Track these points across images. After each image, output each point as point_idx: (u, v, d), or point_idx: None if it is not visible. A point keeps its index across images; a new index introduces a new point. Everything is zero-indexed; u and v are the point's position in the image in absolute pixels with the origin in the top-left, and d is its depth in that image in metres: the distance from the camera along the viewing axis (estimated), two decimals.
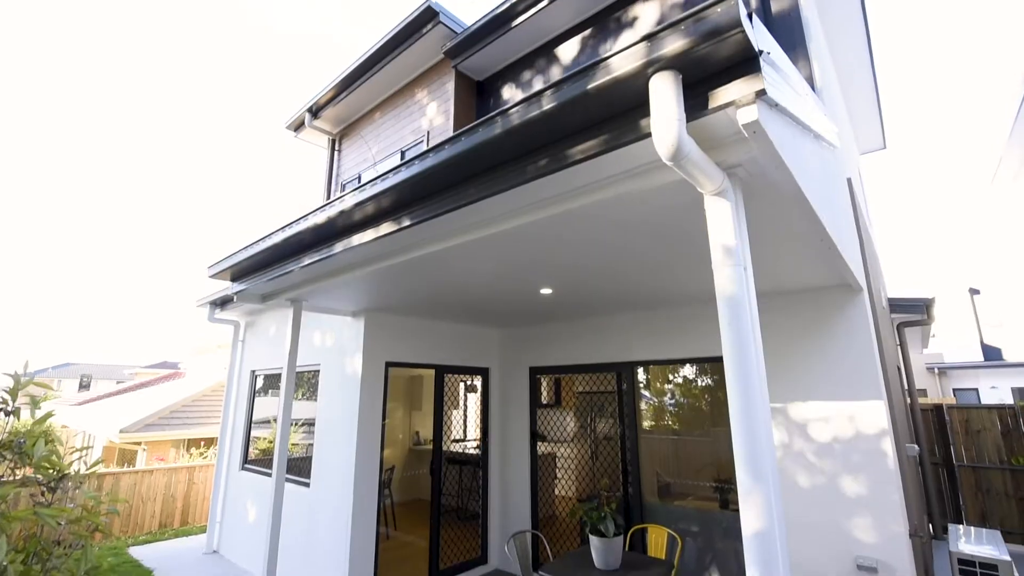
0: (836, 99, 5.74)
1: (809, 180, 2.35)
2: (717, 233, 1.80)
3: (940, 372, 19.93)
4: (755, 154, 1.80)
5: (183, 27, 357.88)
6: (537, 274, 3.80)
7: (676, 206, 2.41)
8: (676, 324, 5.20)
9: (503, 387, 6.80)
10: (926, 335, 10.37)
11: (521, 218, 2.46)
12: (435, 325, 6.12)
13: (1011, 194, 11.88)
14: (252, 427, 7.13)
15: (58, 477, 1.79)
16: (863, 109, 7.71)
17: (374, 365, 5.31)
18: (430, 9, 6.07)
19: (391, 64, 6.78)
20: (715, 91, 1.60)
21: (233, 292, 4.26)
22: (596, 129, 1.85)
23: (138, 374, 31.89)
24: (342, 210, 2.79)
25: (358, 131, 7.93)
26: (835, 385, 4.09)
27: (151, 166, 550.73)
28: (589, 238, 2.91)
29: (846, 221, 3.83)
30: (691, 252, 3.19)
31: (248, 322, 7.53)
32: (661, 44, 1.53)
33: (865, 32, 5.82)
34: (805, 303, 4.32)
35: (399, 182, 2.43)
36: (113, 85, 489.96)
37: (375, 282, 3.99)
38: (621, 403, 5.59)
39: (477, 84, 6.61)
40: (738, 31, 1.43)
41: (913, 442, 6.58)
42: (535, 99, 1.85)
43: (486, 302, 5.02)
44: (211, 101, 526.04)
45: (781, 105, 1.76)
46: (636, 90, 1.67)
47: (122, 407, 13.49)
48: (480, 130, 2.04)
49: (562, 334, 6.25)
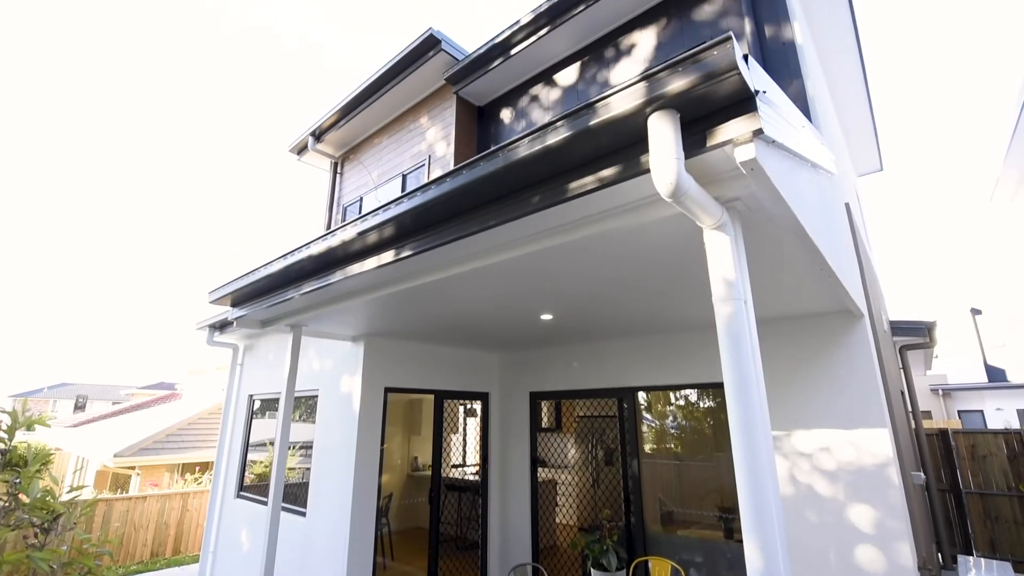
0: (832, 123, 5.81)
1: (807, 211, 2.37)
2: (717, 267, 1.80)
3: (944, 393, 19.77)
4: (753, 189, 1.82)
5: (183, 47, 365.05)
6: (537, 301, 3.79)
7: (676, 237, 2.42)
8: (677, 350, 5.17)
9: (503, 412, 6.73)
10: (929, 357, 10.31)
11: (522, 248, 2.46)
12: (435, 350, 6.09)
13: (1009, 214, 11.95)
14: (249, 450, 7.04)
15: (52, 518, 1.75)
16: (859, 132, 7.81)
17: (373, 390, 5.26)
18: (432, 37, 6.20)
19: (393, 90, 6.90)
20: (713, 129, 1.61)
21: (233, 317, 4.25)
22: (596, 164, 1.87)
23: (134, 395, 31.65)
24: (343, 239, 2.80)
25: (360, 155, 8.02)
26: (838, 413, 4.04)
27: (149, 186, 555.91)
28: (590, 267, 2.92)
29: (845, 247, 3.84)
30: (692, 280, 3.18)
31: (247, 345, 7.49)
32: (660, 84, 1.55)
33: (859, 56, 5.93)
34: (806, 329, 4.31)
35: (401, 212, 2.44)
36: (115, 101, 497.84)
37: (375, 309, 3.98)
38: (623, 428, 5.52)
39: (478, 109, 6.71)
40: (734, 73, 1.45)
41: (919, 469, 6.48)
42: (537, 135, 1.87)
43: (486, 327, 5.00)
44: (214, 122, 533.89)
45: (778, 141, 1.78)
46: (635, 127, 1.69)
47: (117, 430, 13.34)
48: (482, 164, 2.06)
49: (563, 359, 6.21)
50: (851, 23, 5.31)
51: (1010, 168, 9.82)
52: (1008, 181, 10.38)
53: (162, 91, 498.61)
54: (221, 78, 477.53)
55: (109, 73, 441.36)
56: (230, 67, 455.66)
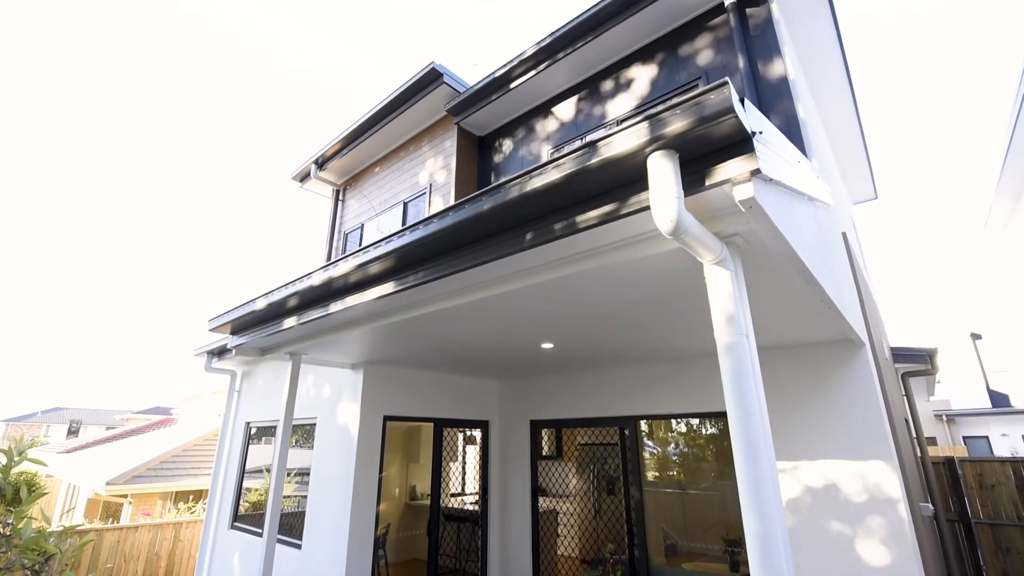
0: (826, 153, 5.92)
1: (806, 245, 2.39)
2: (718, 302, 1.82)
3: (948, 419, 19.58)
4: (752, 225, 1.84)
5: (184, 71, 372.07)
6: (538, 330, 3.79)
7: (677, 269, 2.44)
8: (680, 378, 5.14)
9: (503, 440, 6.65)
10: (931, 383, 10.25)
11: (522, 281, 2.48)
12: (435, 377, 6.05)
13: (1003, 241, 12.06)
14: (245, 477, 6.91)
15: (44, 560, 1.71)
16: (853, 161, 7.95)
17: (372, 419, 5.21)
18: (434, 70, 6.36)
19: (396, 120, 7.04)
20: (712, 169, 1.65)
21: (232, 345, 4.24)
22: (598, 201, 1.90)
23: (129, 420, 31.22)
24: (344, 270, 2.82)
25: (362, 183, 8.12)
26: (843, 444, 4.00)
27: (148, 211, 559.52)
28: (591, 299, 2.93)
29: (844, 277, 3.87)
30: (693, 309, 3.19)
31: (245, 372, 7.44)
32: (660, 125, 1.59)
33: (849, 88, 6.07)
34: (808, 358, 4.30)
35: (402, 245, 2.47)
36: (122, 127, 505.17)
37: (375, 337, 3.98)
38: (625, 458, 5.44)
39: (478, 139, 6.83)
40: (731, 116, 1.49)
41: (927, 499, 6.37)
42: (539, 171, 1.91)
43: (486, 356, 4.98)
44: (215, 148, 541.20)
45: (775, 179, 1.81)
46: (636, 165, 1.73)
47: (110, 456, 13.11)
48: (484, 198, 2.09)
49: (564, 387, 6.17)
50: (840, 56, 5.46)
51: (1002, 195, 9.96)
52: (1001, 208, 10.51)
53: (168, 119, 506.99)
54: (224, 103, 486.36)
55: (119, 95, 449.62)
56: (231, 90, 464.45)
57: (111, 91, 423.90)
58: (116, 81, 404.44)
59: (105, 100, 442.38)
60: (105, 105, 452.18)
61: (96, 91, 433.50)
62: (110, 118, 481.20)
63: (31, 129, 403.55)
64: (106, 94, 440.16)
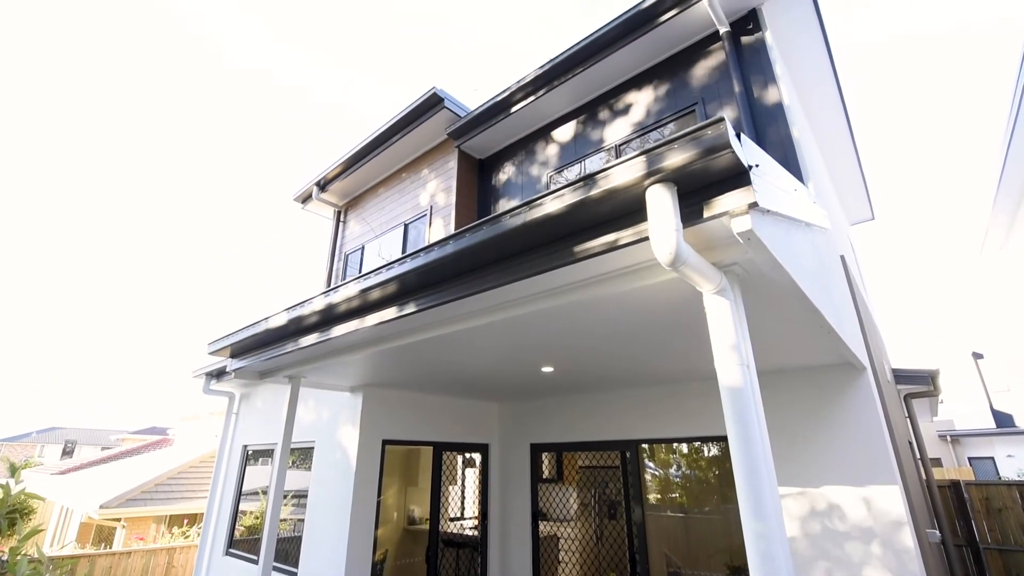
0: (822, 176, 5.98)
1: (804, 272, 2.41)
2: (718, 332, 1.82)
3: (953, 440, 19.38)
4: (751, 255, 1.86)
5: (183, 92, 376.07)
6: (539, 355, 3.79)
7: (676, 297, 2.45)
8: (681, 401, 5.10)
9: (503, 464, 6.57)
10: (934, 403, 10.18)
11: (522, 308, 2.48)
12: (434, 399, 6.01)
13: (1000, 262, 12.11)
14: (241, 500, 6.81)
15: None
16: (849, 183, 8.03)
17: (371, 443, 5.16)
18: (435, 95, 6.47)
19: (397, 143, 7.13)
20: (710, 201, 1.67)
21: (232, 369, 4.22)
22: (597, 231, 1.92)
23: (125, 440, 30.84)
24: (346, 295, 2.83)
25: (363, 204, 8.19)
26: (846, 468, 3.96)
27: (146, 232, 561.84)
28: (591, 325, 2.93)
29: (843, 301, 3.88)
30: (694, 334, 3.19)
31: (244, 394, 7.39)
32: (658, 159, 1.62)
33: (843, 110, 6.16)
34: (809, 382, 4.28)
35: (404, 272, 2.48)
36: (120, 144, 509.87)
37: (375, 361, 3.96)
38: (626, 482, 5.37)
39: (479, 162, 6.92)
40: (728, 151, 1.52)
41: (933, 524, 6.27)
42: (538, 202, 1.93)
43: (486, 379, 4.96)
44: (215, 168, 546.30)
45: (772, 210, 1.84)
46: (635, 197, 1.75)
47: (104, 479, 12.93)
48: (485, 228, 2.11)
49: (564, 410, 6.12)
50: (833, 79, 5.55)
51: (998, 216, 10.03)
52: (997, 230, 10.58)
53: (168, 136, 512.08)
54: (223, 122, 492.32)
55: (116, 111, 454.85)
56: (230, 109, 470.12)
57: (109, 107, 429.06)
58: (113, 97, 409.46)
59: (104, 115, 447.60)
60: (105, 120, 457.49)
61: (93, 106, 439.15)
62: (111, 133, 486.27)
63: (36, 143, 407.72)
64: (104, 110, 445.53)
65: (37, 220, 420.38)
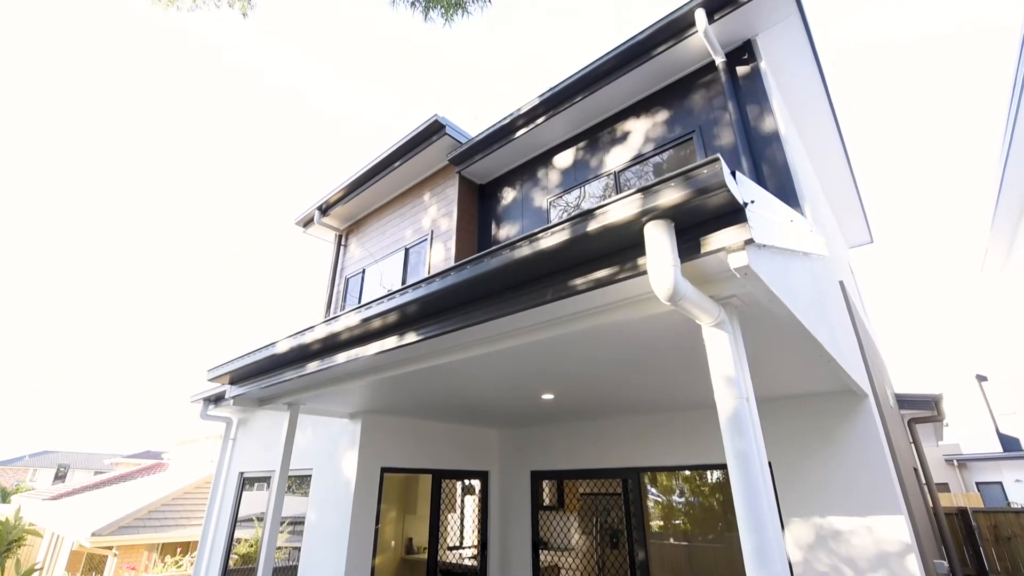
0: (819, 200, 6.05)
1: (802, 303, 2.42)
2: (717, 365, 1.83)
3: (960, 464, 19.11)
4: (748, 288, 1.88)
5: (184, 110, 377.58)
6: (539, 382, 3.77)
7: (676, 327, 2.46)
8: (683, 428, 5.05)
9: (503, 491, 6.47)
10: (939, 427, 10.08)
11: (523, 338, 2.49)
12: (433, 426, 5.95)
13: (1001, 284, 12.13)
14: (236, 527, 6.68)
15: None
16: (847, 207, 8.11)
17: (369, 471, 5.09)
18: (437, 123, 6.59)
19: (399, 169, 7.23)
20: (706, 237, 1.70)
21: (231, 395, 4.20)
22: (595, 264, 1.94)
23: (118, 464, 30.36)
24: (347, 324, 2.84)
25: (364, 228, 8.26)
26: (849, 497, 3.90)
27: (143, 256, 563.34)
28: (591, 354, 2.94)
29: (843, 329, 3.88)
30: (694, 364, 3.19)
31: (241, 419, 7.33)
32: (655, 197, 1.65)
33: (839, 136, 6.26)
34: (810, 409, 4.24)
35: (405, 302, 2.50)
36: (117, 160, 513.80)
37: (375, 389, 3.95)
38: (628, 511, 5.28)
39: (479, 187, 7.00)
40: (723, 190, 1.55)
41: (941, 553, 6.15)
42: (538, 236, 1.96)
43: (487, 405, 4.93)
44: (213, 189, 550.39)
45: (769, 244, 1.86)
46: (633, 233, 1.78)
47: (96, 505, 12.70)
48: (486, 260, 2.13)
49: (565, 436, 6.05)
50: (828, 105, 5.65)
51: (996, 239, 10.11)
52: (996, 251, 10.63)
53: (165, 151, 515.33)
54: (225, 142, 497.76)
55: (117, 123, 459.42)
56: (229, 127, 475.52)
57: (105, 115, 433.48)
58: (112, 106, 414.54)
59: (100, 123, 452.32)
60: (99, 128, 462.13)
61: (89, 116, 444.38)
62: (105, 143, 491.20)
63: (30, 158, 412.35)
64: (100, 118, 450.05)
65: (31, 233, 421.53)
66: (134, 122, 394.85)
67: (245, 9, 4.68)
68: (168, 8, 4.38)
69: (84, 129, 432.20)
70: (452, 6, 5.36)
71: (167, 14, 4.40)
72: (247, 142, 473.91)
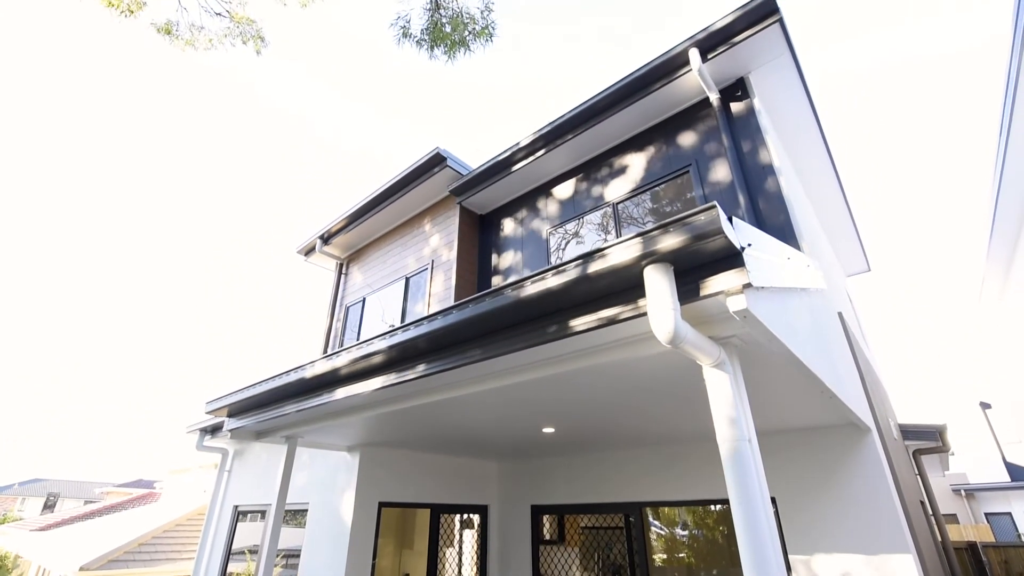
0: (815, 231, 6.11)
1: (801, 338, 2.44)
2: (718, 406, 1.83)
3: (968, 494, 18.75)
4: (747, 329, 1.89)
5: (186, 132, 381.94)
6: (540, 417, 3.75)
7: (677, 364, 2.46)
8: (686, 461, 4.97)
9: (503, 526, 6.33)
10: (945, 457, 9.93)
11: (524, 375, 2.49)
12: (432, 458, 5.87)
13: (999, 311, 12.14)
14: (229, 562, 6.50)
15: None
16: (843, 236, 8.19)
17: (367, 506, 4.99)
18: (439, 155, 6.72)
19: (400, 199, 7.33)
20: (705, 280, 1.72)
21: (229, 429, 4.16)
22: (595, 305, 1.96)
23: (109, 493, 29.76)
24: (348, 360, 2.84)
25: (365, 257, 8.32)
26: (855, 534, 3.83)
27: (140, 285, 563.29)
28: (592, 391, 2.93)
29: (843, 361, 3.88)
30: (695, 400, 3.18)
31: (237, 450, 7.23)
32: (654, 241, 1.69)
33: (832, 167, 6.35)
34: (813, 442, 4.20)
35: (406, 339, 2.51)
36: (115, 180, 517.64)
37: (374, 423, 3.92)
38: (631, 547, 5.17)
39: (480, 217, 7.09)
40: (720, 236, 1.59)
41: None
42: (539, 277, 1.99)
43: (486, 438, 4.88)
44: (213, 218, 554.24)
45: (767, 286, 1.89)
46: (633, 275, 1.80)
47: (85, 536, 12.38)
48: (487, 299, 2.16)
49: (566, 469, 5.96)
50: (821, 138, 5.75)
51: (993, 267, 10.18)
52: (993, 279, 10.69)
53: (165, 172, 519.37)
54: (227, 169, 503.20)
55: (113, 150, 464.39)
56: (235, 162, 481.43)
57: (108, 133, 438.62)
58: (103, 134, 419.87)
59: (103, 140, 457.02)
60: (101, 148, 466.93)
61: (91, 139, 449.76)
62: (105, 165, 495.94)
63: (26, 170, 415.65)
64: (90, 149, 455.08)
65: (21, 252, 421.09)
66: (128, 139, 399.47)
67: (259, 47, 4.84)
68: (185, 48, 4.53)
69: (79, 150, 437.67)
70: (455, 44, 5.55)
71: (184, 54, 4.55)
72: (246, 165, 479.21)
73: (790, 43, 4.55)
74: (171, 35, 4.55)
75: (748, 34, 4.48)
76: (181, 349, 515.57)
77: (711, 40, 4.65)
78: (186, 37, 4.56)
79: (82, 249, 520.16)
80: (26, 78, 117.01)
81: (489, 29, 5.42)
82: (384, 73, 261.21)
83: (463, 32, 5.38)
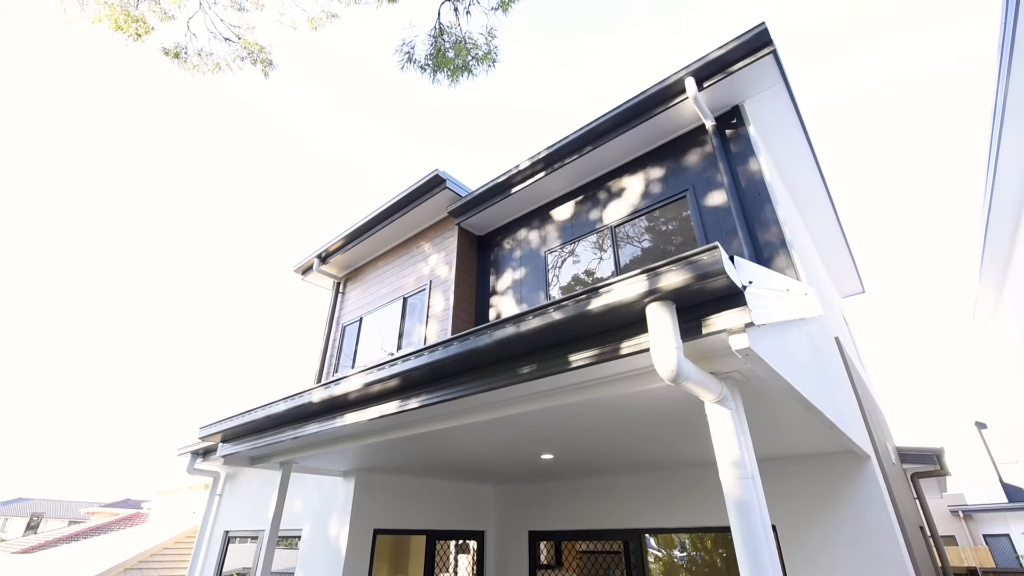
0: (811, 256, 6.17)
1: (801, 370, 2.44)
2: (721, 443, 1.83)
3: (965, 515, 18.63)
4: (749, 365, 1.90)
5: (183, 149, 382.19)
6: (538, 444, 3.72)
7: (678, 398, 2.46)
8: (687, 488, 4.91)
9: (499, 552, 6.22)
10: (942, 479, 9.90)
11: (524, 406, 2.48)
12: (428, 484, 5.78)
13: (991, 332, 12.23)
14: None
15: None
16: (837, 258, 8.27)
17: (362, 533, 4.90)
18: (438, 176, 6.77)
19: (399, 220, 7.36)
20: (708, 319, 1.73)
21: (222, 454, 4.10)
22: (597, 339, 1.96)
23: (95, 513, 29.04)
24: (346, 388, 2.82)
25: (363, 276, 8.31)
26: (857, 564, 3.78)
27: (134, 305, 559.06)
28: (592, 421, 2.92)
29: (842, 388, 3.89)
30: (696, 431, 3.17)
31: (229, 474, 7.10)
32: (657, 280, 1.70)
33: (825, 190, 6.43)
34: (812, 470, 4.17)
35: (407, 369, 2.50)
36: (111, 200, 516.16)
37: (370, 449, 3.87)
38: (630, 573, 5.08)
39: (478, 238, 7.12)
40: (722, 275, 1.60)
41: None
42: (543, 311, 1.99)
43: (484, 464, 4.83)
44: (205, 233, 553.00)
45: (768, 323, 1.90)
46: (635, 312, 1.81)
47: (69, 560, 12.05)
48: (489, 332, 2.16)
49: (564, 494, 5.88)
50: (814, 163, 5.83)
51: (985, 288, 10.29)
52: (985, 301, 10.81)
53: (160, 188, 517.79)
54: (222, 188, 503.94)
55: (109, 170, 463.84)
56: (226, 182, 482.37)
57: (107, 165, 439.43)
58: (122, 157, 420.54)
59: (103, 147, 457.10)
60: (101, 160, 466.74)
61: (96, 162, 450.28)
62: (102, 187, 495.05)
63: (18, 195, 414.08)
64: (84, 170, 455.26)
65: (9, 267, 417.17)
66: (124, 151, 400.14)
67: (266, 70, 4.89)
68: (193, 72, 4.57)
69: (78, 162, 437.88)
70: (458, 70, 5.64)
71: (192, 77, 4.59)
72: (240, 180, 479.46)
73: (783, 73, 4.66)
74: (179, 59, 4.60)
75: (742, 64, 4.58)
76: (170, 365, 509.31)
77: (707, 70, 4.75)
78: (194, 62, 4.60)
79: (71, 263, 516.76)
80: (27, 93, 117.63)
81: (492, 55, 5.52)
82: (386, 94, 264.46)
83: (466, 57, 5.47)
